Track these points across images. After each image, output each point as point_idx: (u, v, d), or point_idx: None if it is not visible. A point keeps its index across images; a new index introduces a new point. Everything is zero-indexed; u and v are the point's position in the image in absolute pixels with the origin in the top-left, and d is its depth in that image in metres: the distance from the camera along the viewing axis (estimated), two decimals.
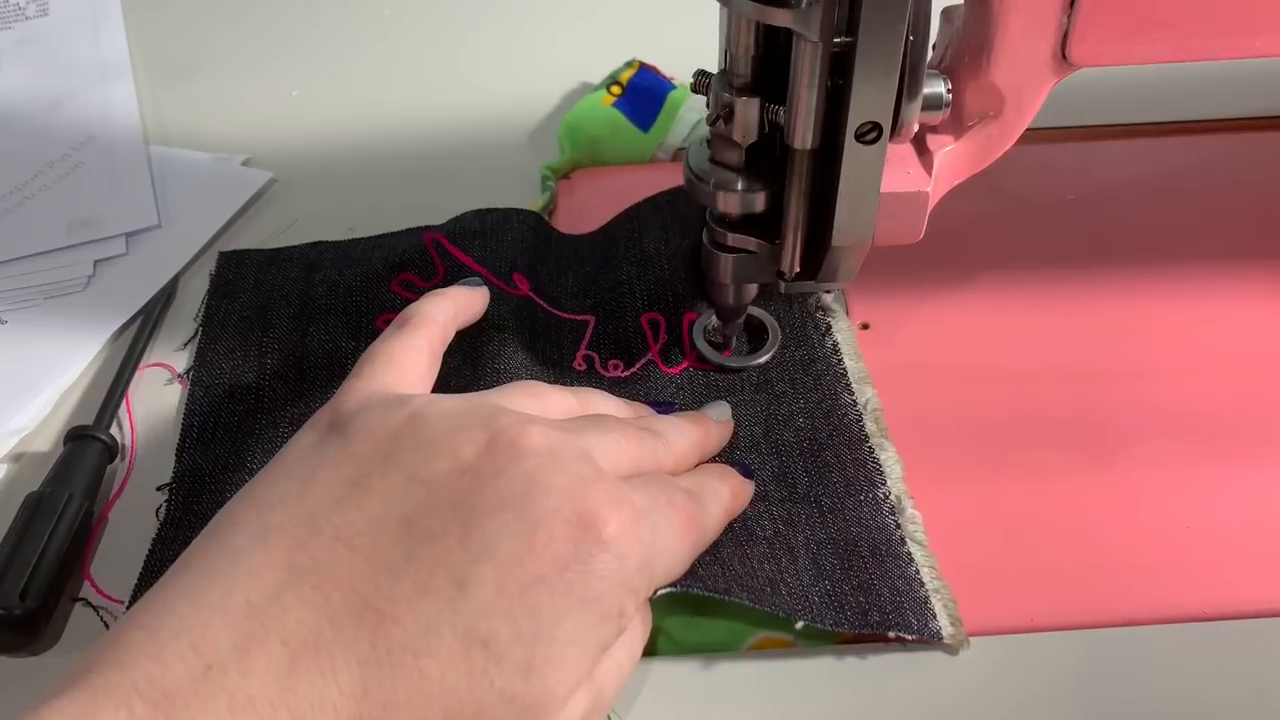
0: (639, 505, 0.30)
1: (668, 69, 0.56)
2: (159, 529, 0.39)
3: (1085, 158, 0.53)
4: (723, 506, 0.35)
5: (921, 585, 0.36)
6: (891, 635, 0.34)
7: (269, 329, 0.46)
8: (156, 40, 0.65)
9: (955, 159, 0.37)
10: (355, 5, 0.68)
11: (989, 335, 0.45)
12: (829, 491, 0.38)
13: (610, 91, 0.55)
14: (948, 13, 0.38)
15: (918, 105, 0.34)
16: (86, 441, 0.41)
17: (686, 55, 0.40)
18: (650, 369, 0.43)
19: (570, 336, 0.44)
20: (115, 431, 0.43)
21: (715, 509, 0.35)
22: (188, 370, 0.45)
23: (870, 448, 0.39)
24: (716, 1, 0.34)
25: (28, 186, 0.55)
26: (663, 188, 0.48)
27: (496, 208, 0.48)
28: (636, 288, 0.45)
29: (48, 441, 0.43)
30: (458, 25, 0.65)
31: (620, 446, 0.33)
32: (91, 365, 0.46)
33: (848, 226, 0.36)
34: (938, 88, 0.35)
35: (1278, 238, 0.48)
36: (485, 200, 0.48)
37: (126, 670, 0.26)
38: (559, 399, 0.35)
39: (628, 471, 0.32)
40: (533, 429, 0.30)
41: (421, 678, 0.27)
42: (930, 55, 0.37)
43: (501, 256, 0.46)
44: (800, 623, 0.34)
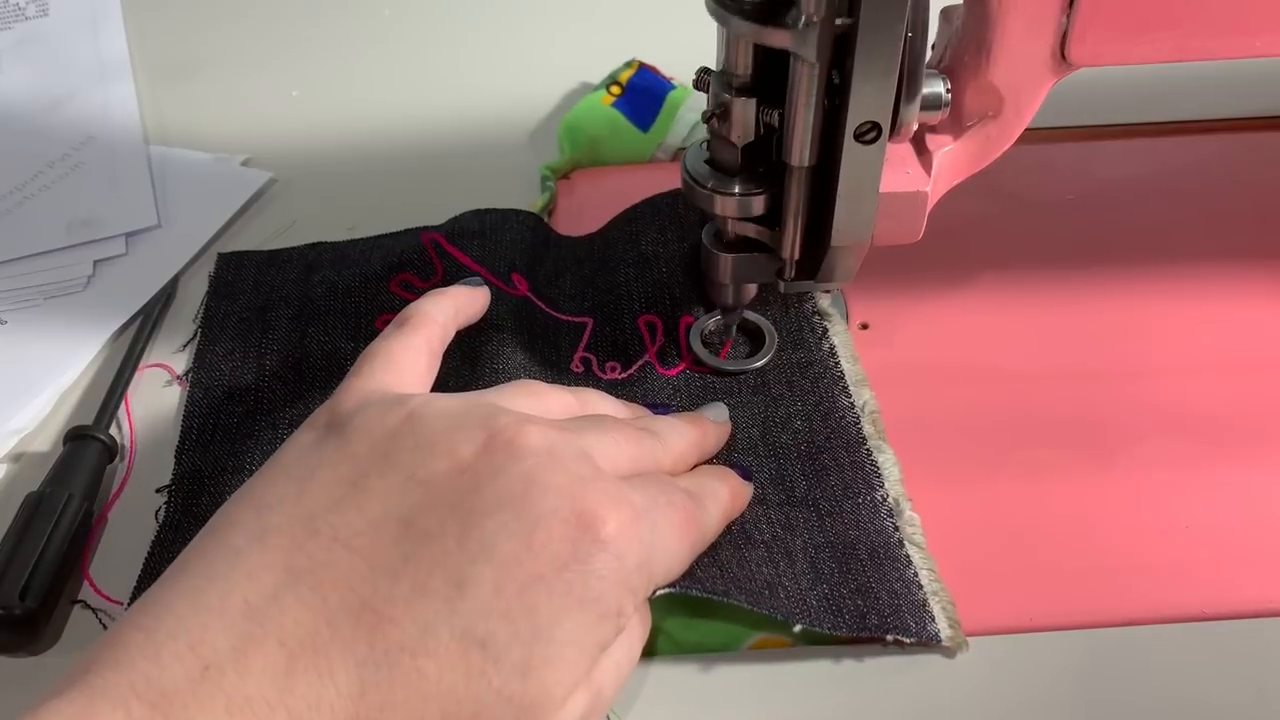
0: (638, 505, 0.30)
1: (668, 69, 0.56)
2: (158, 531, 0.39)
3: (1084, 158, 0.53)
4: (722, 507, 0.35)
5: (920, 588, 0.35)
6: (890, 639, 0.34)
7: (268, 330, 0.46)
8: (156, 40, 0.65)
9: (954, 159, 0.37)
10: (355, 5, 0.68)
11: (988, 335, 0.45)
12: (827, 494, 0.38)
13: (610, 91, 0.55)
14: (946, 12, 0.38)
15: (917, 105, 0.34)
16: (86, 442, 0.41)
17: (686, 55, 0.40)
18: (647, 371, 0.43)
19: (568, 338, 0.44)
20: (115, 432, 0.43)
21: (714, 509, 0.34)
22: (187, 372, 0.45)
23: (868, 450, 0.39)
24: (714, 20, 0.34)
25: (28, 186, 0.55)
26: (662, 188, 0.48)
27: (495, 208, 0.48)
28: (634, 290, 0.45)
29: (47, 441, 0.43)
30: (458, 25, 0.65)
31: (619, 446, 0.33)
32: (91, 365, 0.46)
33: (847, 226, 0.36)
34: (937, 88, 0.35)
35: (1277, 238, 0.48)
36: (485, 200, 0.48)
37: (124, 671, 0.26)
38: (557, 399, 0.35)
39: (626, 471, 0.32)
40: (531, 428, 0.30)
41: (419, 678, 0.27)
42: (929, 55, 0.37)
43: (500, 257, 0.46)
44: (799, 626, 0.34)
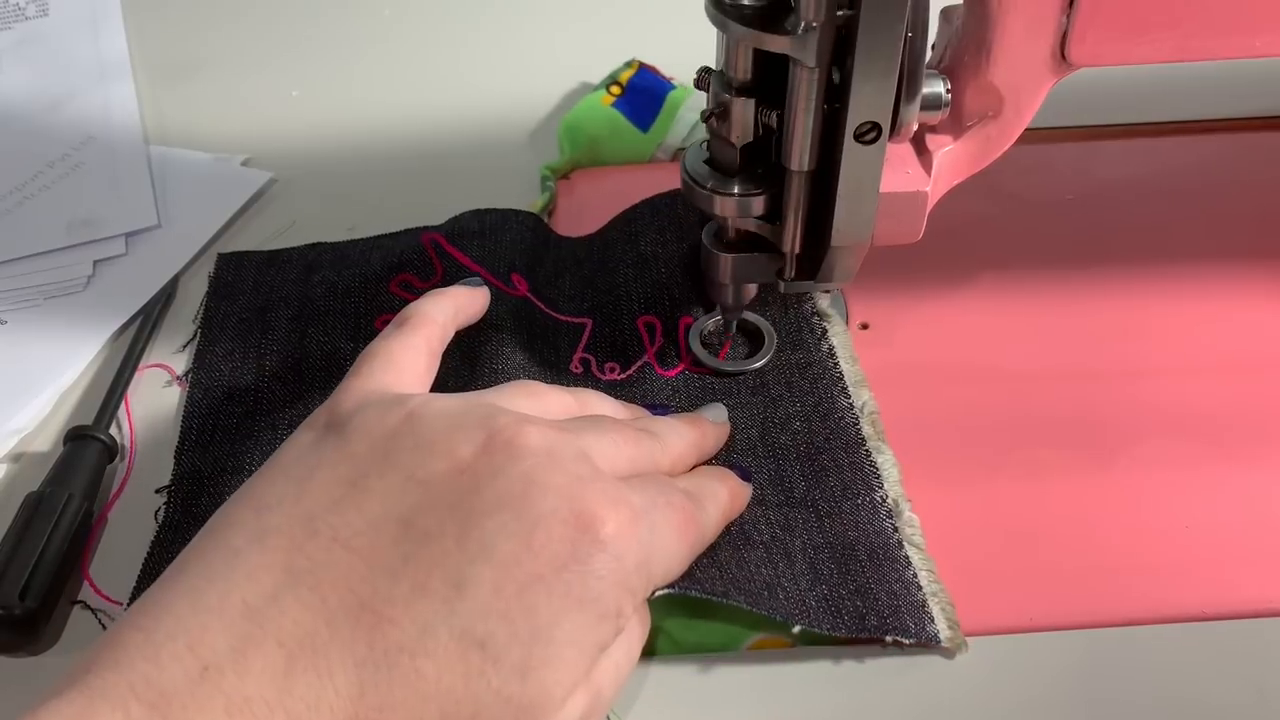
0: (637, 505, 0.30)
1: (667, 69, 0.56)
2: (158, 531, 0.39)
3: (1084, 158, 0.53)
4: (721, 508, 0.35)
5: (919, 589, 0.35)
6: (889, 640, 0.34)
7: (268, 331, 0.46)
8: (156, 40, 0.65)
9: (954, 159, 0.37)
10: (355, 5, 0.68)
11: (988, 335, 0.45)
12: (826, 495, 0.38)
13: (610, 91, 0.55)
14: (946, 13, 0.38)
15: (917, 105, 0.34)
16: (86, 442, 0.41)
17: (686, 55, 0.40)
18: (646, 371, 0.43)
19: (567, 339, 0.44)
20: (115, 432, 0.43)
21: (713, 510, 0.34)
22: (187, 372, 0.45)
23: (867, 451, 0.39)
24: (714, 26, 0.34)
25: (28, 186, 0.55)
26: (662, 188, 0.48)
27: (495, 208, 0.48)
28: (634, 290, 0.45)
29: (47, 441, 0.43)
30: (458, 25, 0.65)
31: (618, 447, 0.33)
32: (91, 365, 0.46)
33: (847, 226, 0.36)
34: (937, 88, 0.35)
35: (1277, 238, 0.48)
36: (485, 200, 0.48)
37: (124, 671, 0.26)
38: (556, 399, 0.35)
39: (625, 472, 0.32)
40: (530, 429, 0.30)
41: (418, 678, 0.27)
42: (929, 55, 0.37)
43: (500, 257, 0.46)
44: (798, 627, 0.34)
